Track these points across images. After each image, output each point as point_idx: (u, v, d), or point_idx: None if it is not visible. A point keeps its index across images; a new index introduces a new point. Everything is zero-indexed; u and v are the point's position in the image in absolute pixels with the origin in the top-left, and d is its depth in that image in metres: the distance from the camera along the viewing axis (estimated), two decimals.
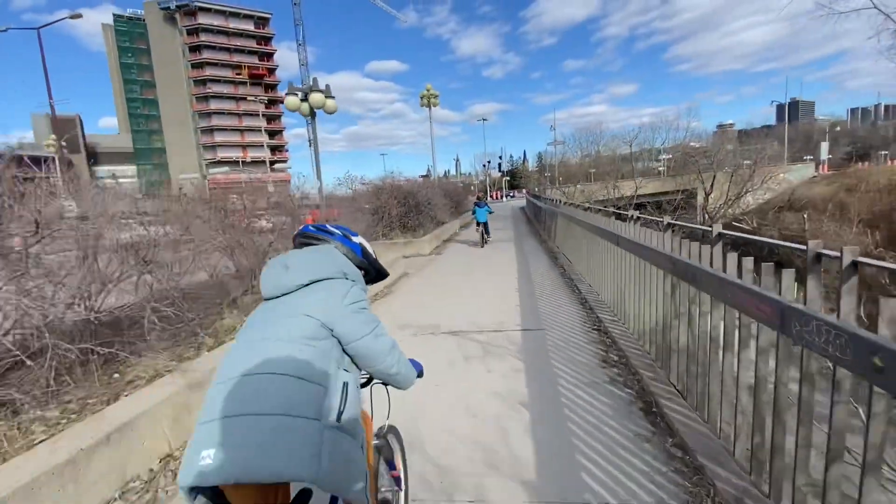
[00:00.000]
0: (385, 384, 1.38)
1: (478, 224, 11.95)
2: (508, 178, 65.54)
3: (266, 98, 67.43)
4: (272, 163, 72.35)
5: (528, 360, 3.76)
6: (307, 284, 1.24)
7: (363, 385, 1.44)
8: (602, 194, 25.47)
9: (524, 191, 60.85)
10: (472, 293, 6.56)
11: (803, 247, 1.65)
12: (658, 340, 3.25)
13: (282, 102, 71.42)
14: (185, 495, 0.96)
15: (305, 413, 0.99)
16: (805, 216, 18.31)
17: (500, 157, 59.12)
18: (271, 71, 69.49)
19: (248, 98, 62.92)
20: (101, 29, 68.44)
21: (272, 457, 0.92)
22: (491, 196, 52.95)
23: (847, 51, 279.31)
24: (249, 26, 67.05)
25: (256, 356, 1.07)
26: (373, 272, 1.51)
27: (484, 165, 60.25)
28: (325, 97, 9.54)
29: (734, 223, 20.75)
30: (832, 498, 1.51)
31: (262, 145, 68.64)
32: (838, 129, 66.70)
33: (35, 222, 2.84)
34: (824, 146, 39.92)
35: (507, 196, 57.12)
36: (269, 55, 69.49)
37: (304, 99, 9.35)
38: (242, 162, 62.90)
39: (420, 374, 1.46)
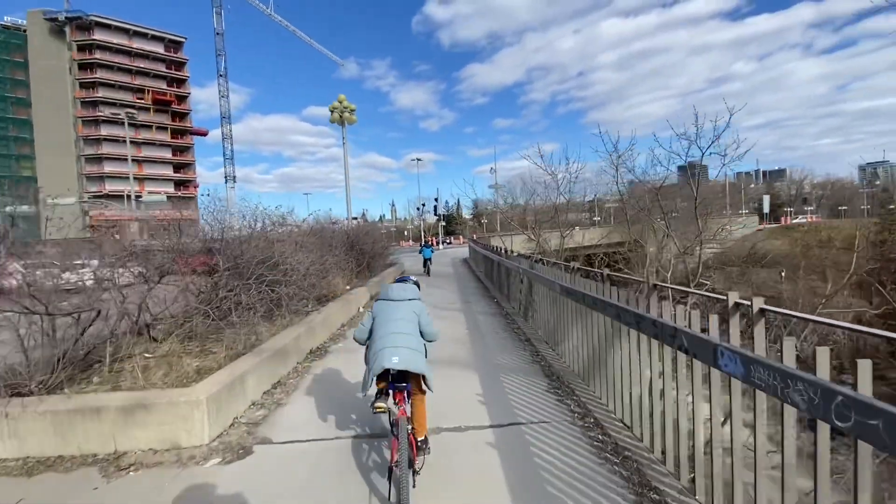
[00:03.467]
0: (429, 341, 3.18)
1: (425, 260, 17.29)
2: (444, 223, 62.65)
3: (171, 126, 59.78)
4: (179, 198, 63.33)
5: None
6: (410, 299, 3.19)
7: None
8: (595, 239, 21.62)
9: (461, 238, 57.66)
10: None
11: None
12: None
13: (194, 133, 63.91)
14: (376, 377, 2.80)
15: (419, 349, 2.94)
16: (782, 274, 16.20)
17: (436, 200, 55.89)
18: (182, 98, 62.23)
19: (154, 125, 55.08)
20: None
21: (413, 362, 2.79)
22: (427, 241, 49.07)
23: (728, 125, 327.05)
24: (159, 48, 60.17)
25: (396, 323, 2.96)
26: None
27: (418, 209, 56.82)
28: None
29: (702, 281, 18.42)
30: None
31: (164, 178, 59.74)
32: (752, 186, 73.21)
33: None
34: (766, 200, 40.68)
35: (444, 243, 53.31)
36: (181, 81, 62.52)
37: None
38: (137, 196, 53.77)
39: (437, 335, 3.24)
